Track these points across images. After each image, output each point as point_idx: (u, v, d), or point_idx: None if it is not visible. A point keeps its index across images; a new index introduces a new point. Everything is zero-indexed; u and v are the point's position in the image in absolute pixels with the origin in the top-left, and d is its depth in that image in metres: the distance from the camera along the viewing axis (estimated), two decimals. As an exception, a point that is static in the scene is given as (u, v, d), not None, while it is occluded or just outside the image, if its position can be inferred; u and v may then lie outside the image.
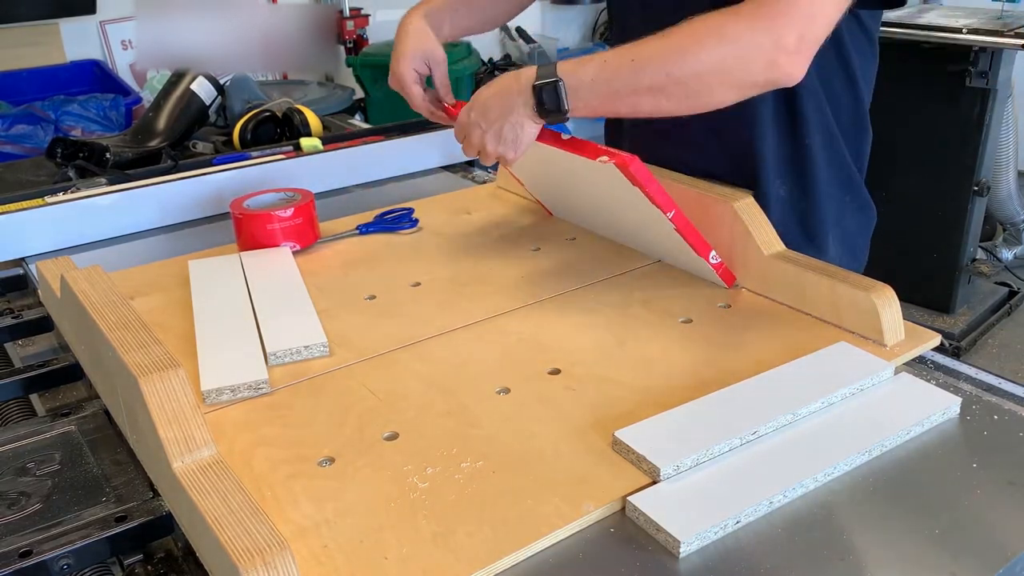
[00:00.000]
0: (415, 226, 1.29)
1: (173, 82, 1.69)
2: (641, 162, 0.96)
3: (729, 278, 1.05)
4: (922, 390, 0.84)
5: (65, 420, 0.87)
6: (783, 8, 0.89)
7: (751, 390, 0.82)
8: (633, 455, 0.74)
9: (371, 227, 1.28)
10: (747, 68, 0.92)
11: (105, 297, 0.85)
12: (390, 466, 0.76)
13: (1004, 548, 0.67)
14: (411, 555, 0.65)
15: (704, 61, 0.91)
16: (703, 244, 1.03)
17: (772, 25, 0.90)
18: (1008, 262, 3.33)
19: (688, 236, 1.02)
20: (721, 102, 0.95)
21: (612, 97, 0.96)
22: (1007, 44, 2.55)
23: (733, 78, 0.92)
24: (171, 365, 0.72)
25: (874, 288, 0.93)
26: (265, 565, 0.57)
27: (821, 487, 0.73)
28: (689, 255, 1.05)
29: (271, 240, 1.18)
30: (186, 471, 0.67)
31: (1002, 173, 3.04)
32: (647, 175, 0.97)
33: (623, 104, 0.96)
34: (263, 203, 1.23)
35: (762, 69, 0.91)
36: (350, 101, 3.23)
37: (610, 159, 0.96)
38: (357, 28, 3.61)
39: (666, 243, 1.08)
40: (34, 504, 0.75)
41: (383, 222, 1.29)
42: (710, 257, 1.03)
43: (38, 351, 1.08)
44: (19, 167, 1.68)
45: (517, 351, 0.94)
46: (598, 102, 0.97)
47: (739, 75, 0.92)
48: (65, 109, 2.61)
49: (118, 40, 3.18)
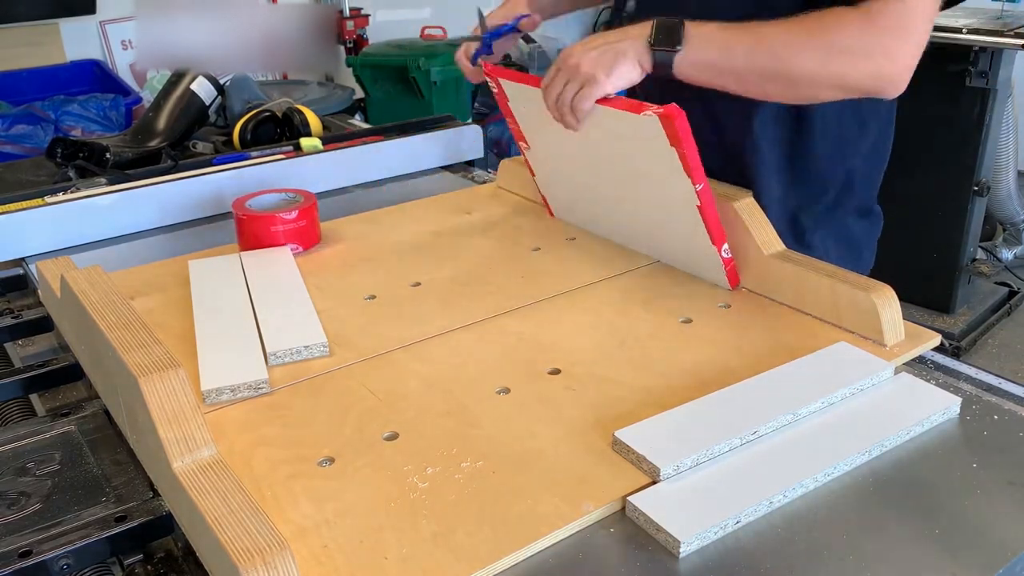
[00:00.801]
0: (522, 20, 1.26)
1: (173, 82, 1.69)
2: (686, 119, 0.95)
3: (735, 278, 1.04)
4: (922, 390, 0.84)
5: (65, 420, 0.87)
6: (900, 21, 0.92)
7: (751, 390, 0.82)
8: (633, 455, 0.74)
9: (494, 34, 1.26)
10: (857, 74, 0.94)
11: (105, 297, 0.84)
12: (390, 466, 0.76)
13: (1004, 548, 0.67)
14: (411, 555, 0.65)
15: (820, 60, 0.93)
16: (720, 232, 1.01)
17: (887, 36, 0.92)
18: (1008, 262, 3.33)
19: (709, 218, 1.00)
20: (821, 99, 0.99)
21: (726, 62, 0.96)
22: (1007, 44, 2.55)
23: (842, 81, 0.95)
24: (171, 365, 0.72)
25: (874, 288, 0.93)
26: (265, 565, 0.57)
27: (821, 487, 0.73)
28: (695, 249, 1.04)
29: (274, 242, 1.18)
30: (186, 471, 0.67)
31: (1002, 173, 3.04)
32: (688, 134, 0.95)
33: (730, 75, 0.97)
34: (265, 204, 1.23)
35: (869, 76, 0.94)
36: (350, 101, 3.23)
37: (654, 113, 0.95)
38: (357, 28, 3.61)
39: (676, 233, 1.06)
40: (34, 504, 0.75)
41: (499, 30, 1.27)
42: (723, 250, 1.02)
43: (38, 351, 1.08)
44: (19, 167, 1.68)
45: (517, 351, 0.94)
46: (710, 60, 0.97)
47: (848, 79, 0.95)
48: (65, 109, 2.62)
49: (118, 40, 3.18)
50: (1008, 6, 2.83)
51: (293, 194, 1.25)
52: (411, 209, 1.36)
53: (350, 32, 3.59)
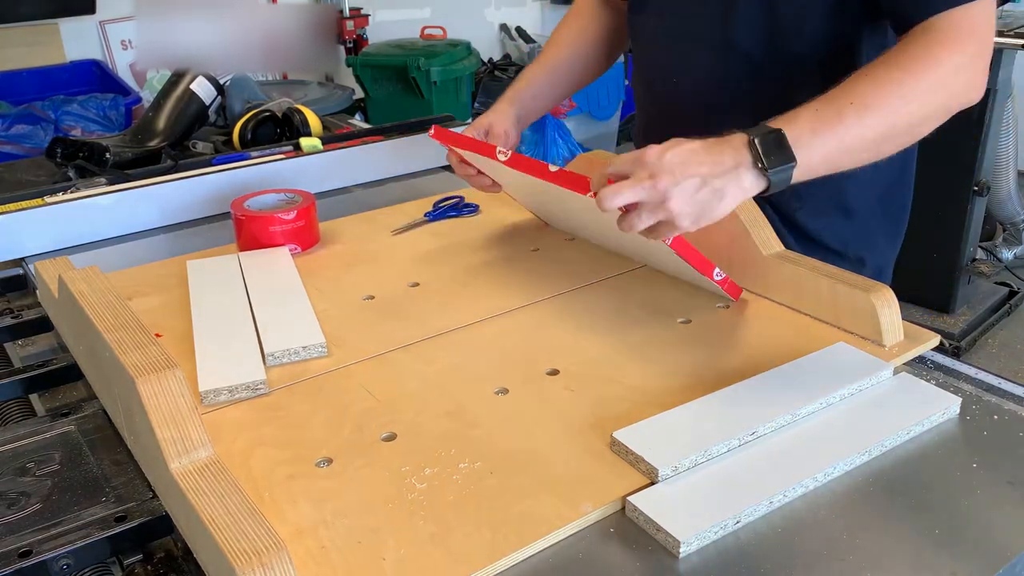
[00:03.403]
0: (475, 210, 1.33)
1: (173, 82, 1.69)
2: None
3: (736, 291, 1.02)
4: (922, 390, 0.84)
5: (65, 420, 0.86)
6: (969, 26, 0.90)
7: (750, 391, 0.82)
8: (631, 456, 0.74)
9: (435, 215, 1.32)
10: (953, 97, 0.92)
11: (102, 297, 0.84)
12: (388, 467, 0.76)
13: (1004, 548, 0.67)
14: (409, 556, 0.65)
15: (924, 101, 0.89)
16: (705, 263, 0.98)
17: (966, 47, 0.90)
18: (1008, 262, 3.33)
19: (689, 258, 0.96)
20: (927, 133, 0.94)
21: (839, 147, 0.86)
22: (1007, 44, 2.55)
23: (945, 109, 0.92)
24: (168, 366, 0.72)
25: (873, 289, 0.93)
26: (262, 566, 0.57)
27: (821, 487, 0.73)
28: (687, 271, 1.03)
29: (273, 242, 1.18)
30: (183, 472, 0.67)
31: (1002, 173, 3.04)
32: None
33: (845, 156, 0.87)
34: (264, 204, 1.23)
35: (963, 92, 0.92)
36: (350, 101, 3.23)
37: None
38: (357, 28, 3.61)
39: (666, 260, 1.07)
40: (34, 504, 0.74)
41: (444, 211, 1.32)
42: (714, 274, 0.98)
43: (38, 351, 1.08)
44: (19, 167, 1.69)
45: (515, 351, 0.94)
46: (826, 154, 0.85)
47: (949, 104, 0.92)
48: (65, 109, 2.62)
49: (118, 40, 3.18)
50: (1009, 6, 2.82)
51: (292, 194, 1.25)
52: (410, 209, 1.36)
53: (350, 32, 3.59)
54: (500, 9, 4.21)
